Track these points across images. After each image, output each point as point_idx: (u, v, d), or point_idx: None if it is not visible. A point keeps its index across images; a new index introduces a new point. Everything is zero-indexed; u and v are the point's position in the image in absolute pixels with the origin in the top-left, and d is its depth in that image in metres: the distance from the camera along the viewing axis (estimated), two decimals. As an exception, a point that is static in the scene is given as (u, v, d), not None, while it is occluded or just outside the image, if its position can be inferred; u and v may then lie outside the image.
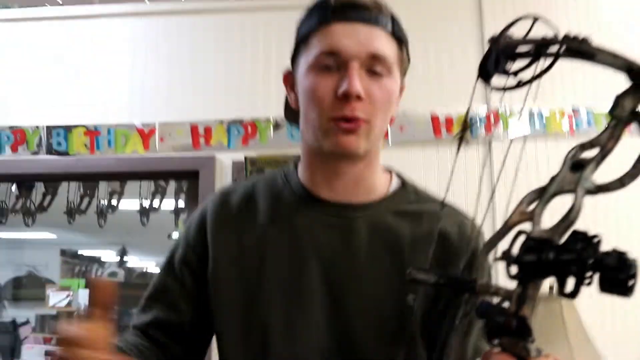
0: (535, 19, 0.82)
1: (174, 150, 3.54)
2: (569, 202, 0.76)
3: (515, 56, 0.82)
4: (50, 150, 3.62)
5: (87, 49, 3.76)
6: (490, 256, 0.79)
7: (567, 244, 0.70)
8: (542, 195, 0.77)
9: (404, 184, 1.27)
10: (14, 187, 4.47)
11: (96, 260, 10.11)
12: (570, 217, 0.74)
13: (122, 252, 9.86)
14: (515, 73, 0.81)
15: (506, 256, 0.73)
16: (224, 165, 3.51)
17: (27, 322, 8.42)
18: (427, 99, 3.45)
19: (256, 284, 1.16)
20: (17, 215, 4.65)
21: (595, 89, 3.44)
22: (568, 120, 3.41)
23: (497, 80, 0.82)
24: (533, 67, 0.80)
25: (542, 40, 0.79)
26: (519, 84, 0.79)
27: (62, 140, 3.61)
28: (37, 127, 3.64)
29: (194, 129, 3.54)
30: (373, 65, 1.10)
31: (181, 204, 4.51)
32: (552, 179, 0.77)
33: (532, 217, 0.77)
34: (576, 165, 0.77)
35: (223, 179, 3.50)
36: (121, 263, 9.94)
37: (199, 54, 3.69)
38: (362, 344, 1.11)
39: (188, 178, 3.70)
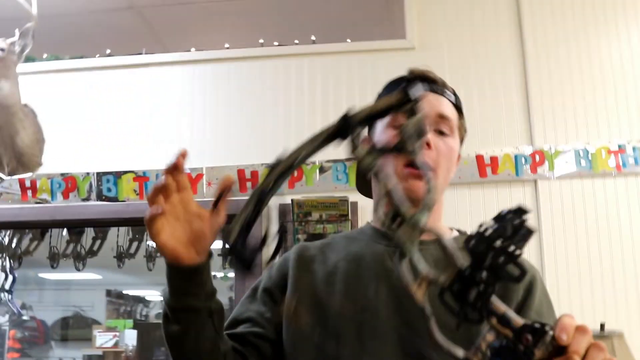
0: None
1: (221, 194, 3.59)
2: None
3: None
4: (100, 196, 3.71)
5: (135, 96, 3.85)
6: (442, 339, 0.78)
7: (478, 253, 0.72)
8: (404, 253, 0.79)
9: (463, 233, 1.40)
10: (65, 232, 4.56)
11: (141, 300, 10.21)
12: (445, 238, 0.79)
13: (166, 292, 9.92)
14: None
15: (461, 317, 0.74)
16: (270, 208, 3.55)
17: (73, 362, 8.50)
18: (472, 140, 3.46)
19: (326, 306, 1.26)
20: (68, 259, 4.74)
21: (641, 125, 3.44)
22: (614, 157, 3.39)
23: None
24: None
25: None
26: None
27: (112, 186, 3.70)
28: (88, 173, 3.73)
29: (240, 173, 3.60)
30: (440, 124, 1.30)
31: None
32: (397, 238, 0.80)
33: (429, 278, 0.79)
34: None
35: (270, 221, 3.54)
36: (166, 302, 10.02)
37: (245, 99, 3.76)
38: None
39: (235, 221, 3.74)
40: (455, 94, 1.36)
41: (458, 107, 1.36)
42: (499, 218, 0.71)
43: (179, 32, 4.74)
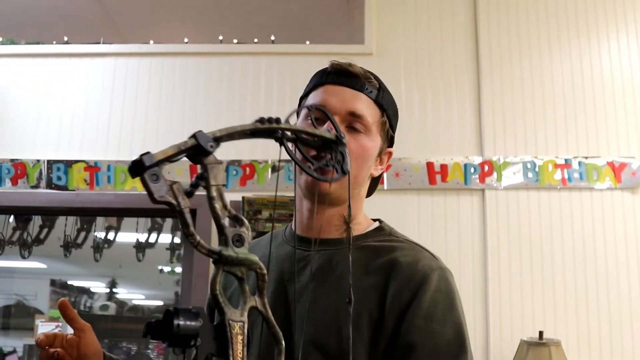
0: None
1: (172, 188, 3.58)
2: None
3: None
4: (50, 185, 3.67)
5: (91, 86, 3.82)
6: None
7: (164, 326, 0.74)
8: None
9: (380, 228, 1.35)
10: (11, 219, 4.50)
11: (86, 291, 10.07)
12: None
13: (112, 285, 9.83)
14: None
15: None
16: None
17: (14, 352, 8.35)
18: (423, 148, 3.54)
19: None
20: (14, 246, 4.67)
21: (588, 141, 3.52)
22: (560, 171, 3.48)
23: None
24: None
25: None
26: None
27: (62, 175, 3.66)
28: (38, 160, 3.69)
29: (193, 168, 3.59)
30: (352, 122, 1.27)
31: (177, 240, 4.54)
32: None
33: None
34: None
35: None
36: (111, 295, 9.91)
37: (200, 94, 3.76)
38: None
39: (185, 216, 3.73)
40: (379, 90, 1.32)
41: (379, 103, 1.31)
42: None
43: (138, 23, 4.72)
